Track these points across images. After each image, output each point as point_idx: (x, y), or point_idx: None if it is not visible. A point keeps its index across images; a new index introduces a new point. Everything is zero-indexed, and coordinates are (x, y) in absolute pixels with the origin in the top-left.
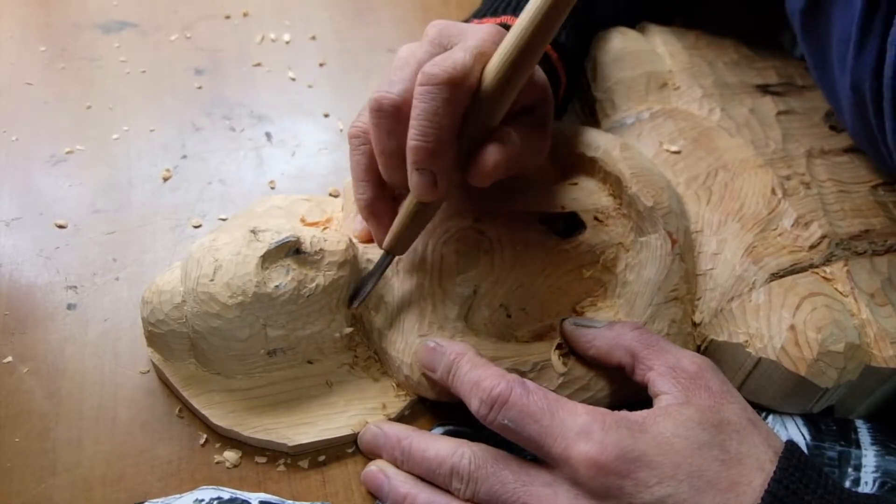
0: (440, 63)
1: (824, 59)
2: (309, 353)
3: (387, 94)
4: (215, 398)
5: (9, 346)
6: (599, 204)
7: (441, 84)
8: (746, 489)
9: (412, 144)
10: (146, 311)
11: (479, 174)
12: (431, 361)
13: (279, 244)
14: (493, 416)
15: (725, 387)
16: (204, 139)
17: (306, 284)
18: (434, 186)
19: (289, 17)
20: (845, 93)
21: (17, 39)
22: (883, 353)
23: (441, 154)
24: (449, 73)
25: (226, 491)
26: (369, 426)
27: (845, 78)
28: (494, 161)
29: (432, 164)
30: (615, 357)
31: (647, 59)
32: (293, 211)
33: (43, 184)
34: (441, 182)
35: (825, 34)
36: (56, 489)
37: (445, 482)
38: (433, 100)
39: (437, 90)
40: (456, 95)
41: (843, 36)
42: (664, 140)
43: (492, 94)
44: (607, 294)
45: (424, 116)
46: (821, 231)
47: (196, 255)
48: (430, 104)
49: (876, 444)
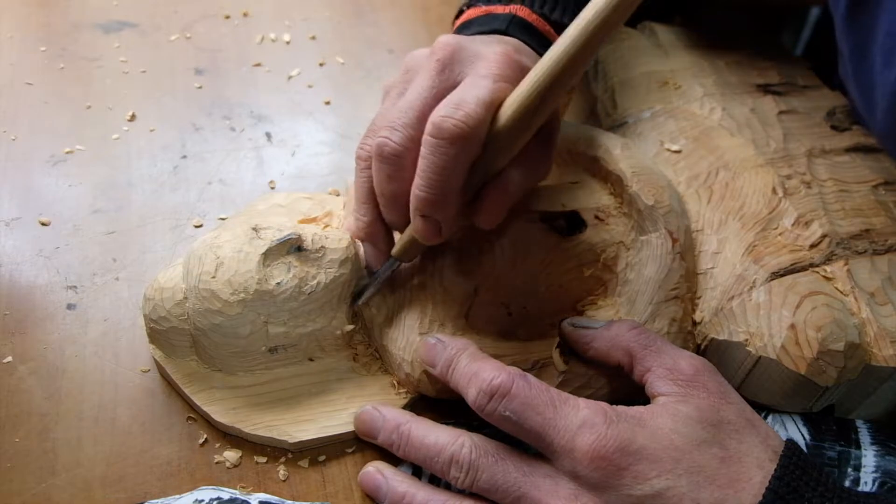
0: (451, 115)
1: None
2: (310, 350)
3: (388, 142)
4: (216, 395)
5: (9, 346)
6: (600, 203)
7: (452, 139)
8: (746, 486)
9: (418, 195)
10: (148, 307)
11: (484, 219)
12: (432, 357)
13: (281, 241)
14: (493, 406)
15: (723, 388)
16: (204, 139)
17: (308, 282)
18: (438, 233)
19: (289, 17)
20: (887, 89)
21: (17, 39)
22: (883, 352)
23: (447, 205)
24: (461, 128)
25: (226, 491)
26: (366, 408)
27: (888, 74)
28: (499, 207)
29: (437, 213)
30: (614, 357)
31: (649, 58)
32: (295, 209)
33: (43, 184)
34: (445, 228)
35: (870, 26)
36: (56, 489)
37: (443, 470)
38: (443, 154)
39: (448, 144)
40: (466, 150)
41: (893, 29)
42: (665, 139)
43: (501, 144)
44: (608, 292)
45: (433, 170)
46: (821, 230)
47: (198, 252)
48: (440, 158)
49: (876, 444)
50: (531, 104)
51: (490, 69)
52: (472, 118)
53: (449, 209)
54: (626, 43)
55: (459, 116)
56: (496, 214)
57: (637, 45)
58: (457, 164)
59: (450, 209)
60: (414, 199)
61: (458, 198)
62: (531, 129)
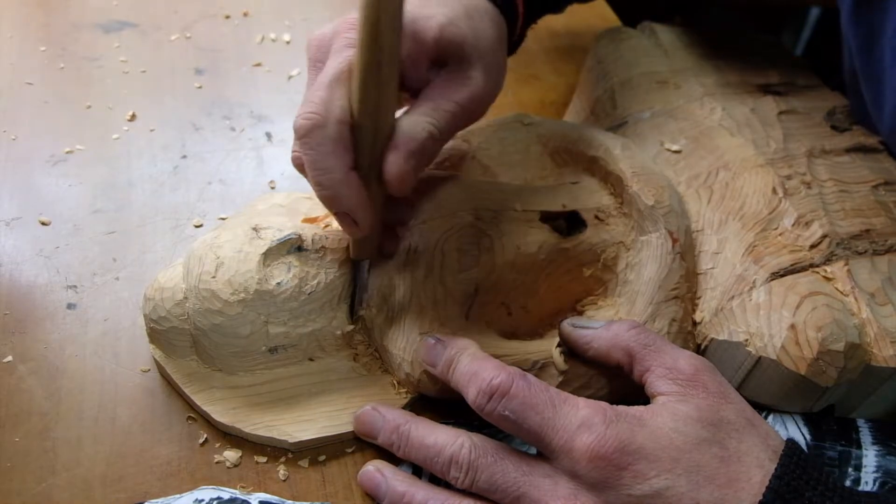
0: (303, 111)
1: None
2: (310, 350)
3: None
4: (217, 395)
5: (9, 345)
6: (600, 203)
7: (306, 133)
8: (745, 486)
9: (317, 195)
10: (148, 307)
11: (392, 186)
12: (432, 357)
13: (281, 241)
14: (493, 406)
15: (723, 387)
16: (204, 139)
17: (308, 282)
18: (354, 224)
19: (289, 17)
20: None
21: (17, 39)
22: (883, 352)
23: (343, 195)
24: (310, 118)
25: (226, 491)
26: (367, 408)
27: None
28: (398, 168)
29: (340, 205)
30: (614, 357)
31: (649, 58)
32: (295, 209)
33: (43, 184)
34: (359, 217)
35: (879, 22)
36: (56, 489)
37: (443, 471)
38: (310, 149)
39: (308, 139)
40: (327, 136)
41: None
42: (665, 139)
43: (363, 108)
44: (608, 293)
45: (311, 167)
46: (821, 230)
47: (198, 252)
48: (310, 154)
49: (877, 444)
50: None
51: (338, 44)
52: (317, 105)
53: (347, 198)
54: (626, 43)
55: (306, 109)
56: (400, 177)
57: (637, 45)
58: (325, 152)
59: (348, 197)
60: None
61: (352, 184)
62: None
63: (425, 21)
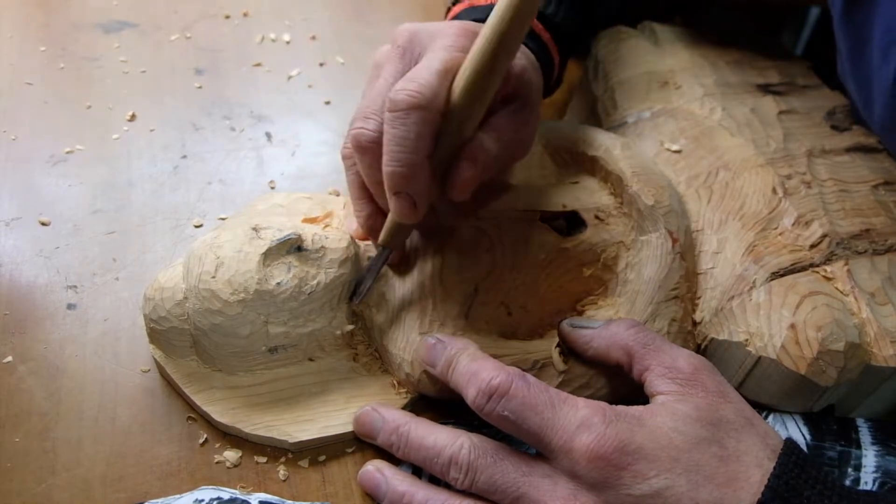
0: (406, 87)
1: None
2: (310, 350)
3: (363, 131)
4: (217, 395)
5: (9, 346)
6: (600, 203)
7: (407, 109)
8: (744, 485)
9: (387, 171)
10: (148, 307)
11: (456, 190)
12: (432, 357)
13: (281, 241)
14: (492, 406)
15: (722, 386)
16: (204, 139)
17: (308, 282)
18: (413, 208)
19: (289, 17)
20: (884, 85)
21: (17, 39)
22: (883, 352)
23: (415, 177)
24: (415, 97)
25: (226, 491)
26: (366, 408)
27: (886, 70)
28: (469, 176)
29: (408, 187)
30: (613, 357)
31: (649, 58)
32: (295, 209)
33: (43, 184)
34: (420, 203)
35: (867, 23)
36: (56, 489)
37: (443, 471)
38: (402, 125)
39: (404, 115)
40: (424, 118)
41: (891, 25)
42: (665, 139)
43: (461, 109)
44: (608, 292)
45: (395, 142)
46: (821, 230)
47: (198, 252)
48: (400, 130)
49: (876, 444)
50: (481, 64)
51: (445, 42)
52: (424, 87)
53: (418, 181)
54: (626, 43)
55: (412, 87)
56: (466, 183)
57: (637, 45)
58: (416, 132)
59: (419, 181)
60: (385, 178)
61: (425, 169)
62: (488, 91)
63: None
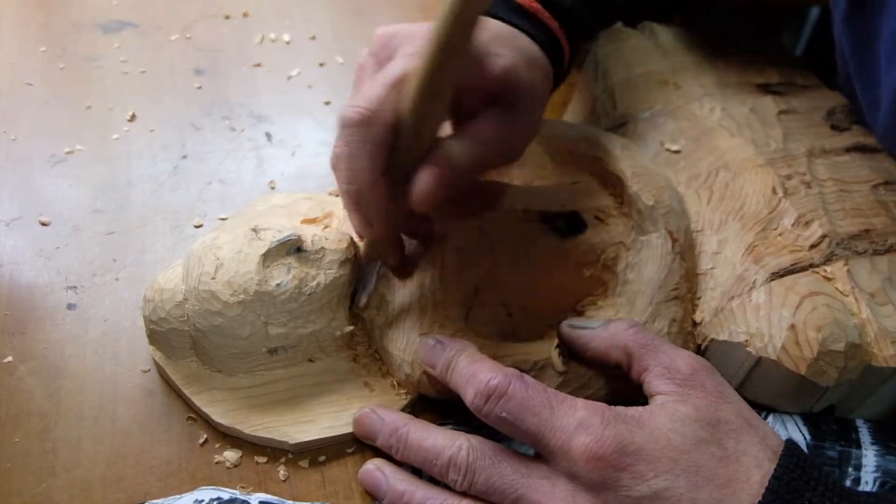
0: (353, 104)
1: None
2: (310, 351)
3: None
4: (216, 396)
5: (9, 346)
6: (600, 203)
7: (352, 127)
8: (744, 486)
9: (341, 189)
10: (148, 308)
11: (414, 199)
12: (431, 358)
13: (280, 242)
14: (490, 407)
15: (721, 387)
16: (204, 139)
17: (307, 283)
18: (368, 224)
19: (289, 17)
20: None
21: (17, 39)
22: (883, 352)
23: (366, 194)
24: (360, 113)
25: (226, 491)
26: (365, 410)
27: (893, 74)
28: (428, 185)
29: (359, 205)
30: (612, 357)
31: (649, 58)
32: (294, 209)
33: (43, 184)
34: (375, 219)
35: (873, 26)
36: (56, 489)
37: (442, 473)
38: (348, 143)
39: (350, 133)
40: (368, 135)
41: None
42: (665, 139)
43: (411, 118)
44: (608, 293)
45: (345, 161)
46: (821, 230)
47: (198, 253)
48: (346, 148)
49: (876, 444)
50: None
51: (411, 47)
52: (371, 101)
53: (370, 198)
54: (626, 43)
55: (357, 101)
56: (426, 192)
57: (637, 45)
58: (362, 149)
59: (371, 197)
60: (341, 196)
61: (379, 186)
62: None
63: (493, 58)
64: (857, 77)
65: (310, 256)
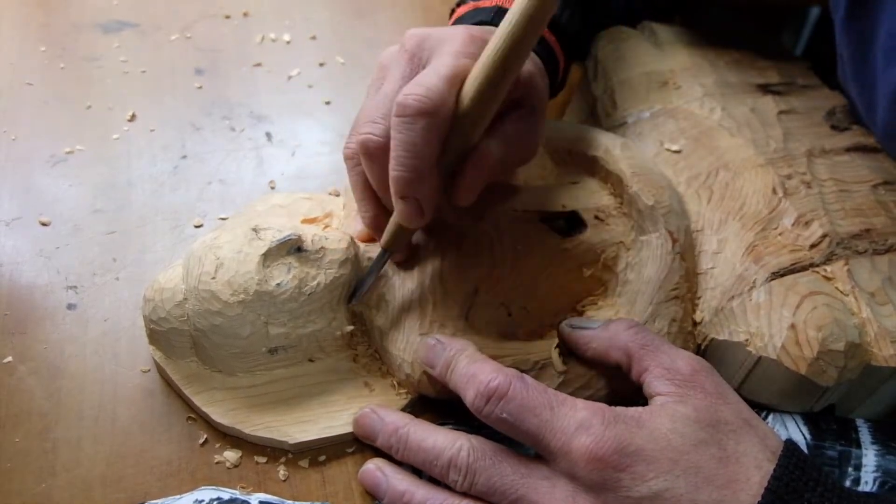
0: (414, 92)
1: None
2: (310, 351)
3: (371, 137)
4: (217, 396)
5: (9, 346)
6: (600, 203)
7: (415, 115)
8: (744, 486)
9: (394, 175)
10: (148, 308)
11: (461, 196)
12: (431, 358)
13: (281, 242)
14: (491, 408)
15: (721, 388)
16: (204, 139)
17: (307, 282)
18: (420, 213)
19: (289, 17)
20: (888, 88)
21: (17, 39)
22: (883, 352)
23: (422, 182)
24: (424, 102)
25: (226, 491)
26: (366, 410)
27: (890, 73)
28: (474, 182)
29: (415, 192)
30: (612, 357)
31: (648, 58)
32: (294, 209)
33: (43, 184)
34: (426, 207)
35: (871, 27)
36: (56, 489)
37: (442, 474)
38: (409, 130)
39: (412, 121)
40: (432, 124)
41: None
42: (665, 139)
43: (470, 116)
44: (608, 293)
45: (403, 147)
46: (821, 230)
47: (198, 252)
48: (407, 135)
49: (876, 444)
50: (491, 71)
51: (453, 47)
52: (432, 91)
53: (425, 186)
54: (626, 43)
55: (420, 92)
56: (472, 188)
57: (637, 45)
58: (425, 138)
59: (426, 186)
60: (391, 182)
61: (433, 174)
62: (496, 98)
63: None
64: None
65: (310, 256)
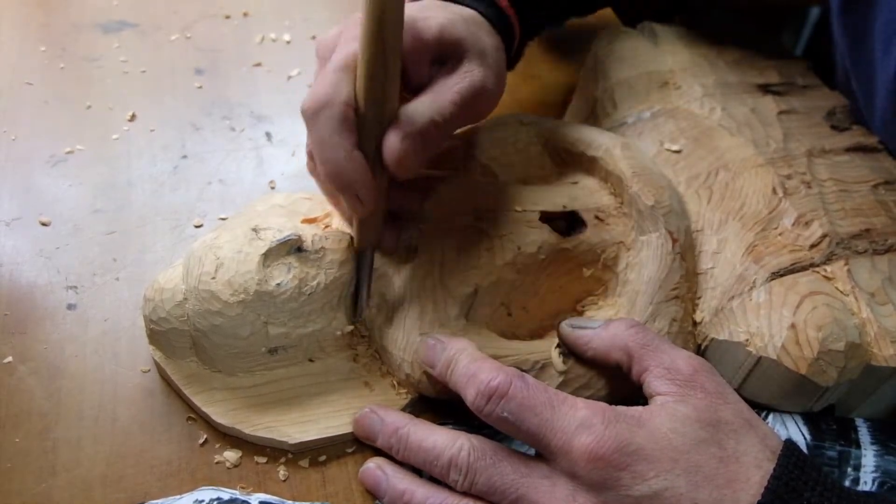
0: (308, 95)
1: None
2: (310, 351)
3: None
4: (217, 396)
5: (9, 346)
6: (600, 203)
7: (312, 113)
8: (744, 486)
9: (321, 173)
10: (148, 308)
11: (393, 168)
12: (431, 358)
13: (281, 242)
14: (491, 408)
15: (721, 387)
16: (204, 139)
17: (307, 282)
18: (360, 202)
19: (289, 17)
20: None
21: (17, 39)
22: (883, 351)
23: (347, 169)
24: (315, 99)
25: (226, 491)
26: (366, 410)
27: (888, 62)
28: (398, 146)
29: (342, 183)
30: (612, 357)
31: (648, 58)
32: (294, 209)
33: (43, 184)
34: (363, 193)
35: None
36: (56, 489)
37: (443, 473)
38: (314, 129)
39: (312, 119)
40: (330, 115)
41: (891, 17)
42: (665, 139)
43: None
44: (608, 293)
45: (315, 146)
46: (821, 230)
47: (198, 252)
48: (314, 134)
49: (876, 444)
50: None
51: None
52: (322, 86)
53: (353, 175)
54: (626, 43)
55: (310, 93)
56: (401, 155)
57: (637, 45)
58: (329, 130)
59: (351, 173)
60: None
61: (356, 160)
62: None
63: (425, 21)
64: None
65: (310, 256)
